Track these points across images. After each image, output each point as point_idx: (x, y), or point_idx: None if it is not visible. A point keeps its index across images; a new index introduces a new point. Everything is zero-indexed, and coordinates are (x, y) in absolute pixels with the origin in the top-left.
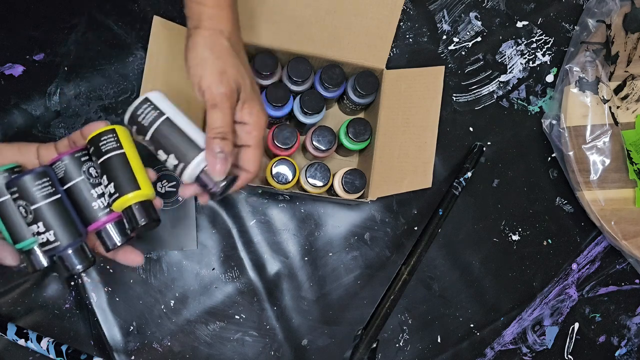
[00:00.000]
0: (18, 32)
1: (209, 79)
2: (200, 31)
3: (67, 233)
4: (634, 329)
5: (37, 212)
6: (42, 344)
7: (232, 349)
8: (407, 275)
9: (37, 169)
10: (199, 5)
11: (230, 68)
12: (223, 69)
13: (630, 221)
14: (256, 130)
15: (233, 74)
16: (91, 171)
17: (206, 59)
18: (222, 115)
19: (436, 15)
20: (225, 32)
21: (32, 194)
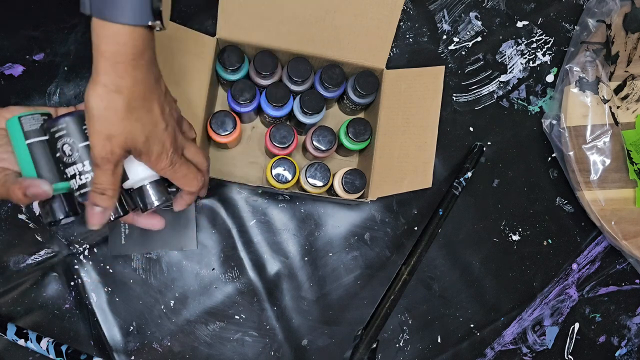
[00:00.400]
0: (18, 32)
1: (94, 141)
2: (96, 87)
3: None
4: (634, 329)
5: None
6: (41, 344)
7: (232, 349)
8: (407, 275)
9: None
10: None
11: (117, 133)
12: (108, 134)
13: (631, 221)
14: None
15: (119, 140)
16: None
17: (95, 119)
18: (102, 173)
19: (436, 15)
20: (122, 90)
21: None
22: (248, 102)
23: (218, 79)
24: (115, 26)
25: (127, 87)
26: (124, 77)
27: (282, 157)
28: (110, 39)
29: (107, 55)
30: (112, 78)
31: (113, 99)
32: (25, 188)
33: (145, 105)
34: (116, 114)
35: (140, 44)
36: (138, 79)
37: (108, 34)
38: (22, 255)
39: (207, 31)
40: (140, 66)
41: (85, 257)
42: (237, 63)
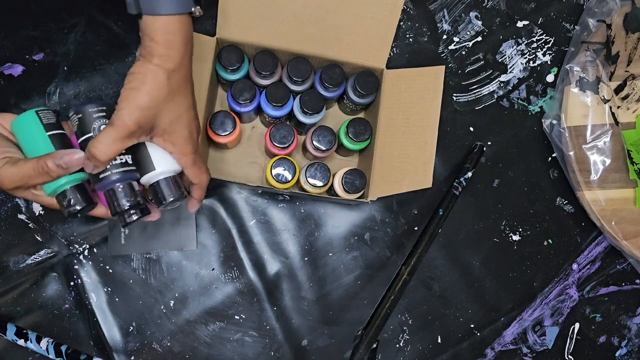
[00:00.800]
0: (18, 32)
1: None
2: (147, 64)
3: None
4: (634, 329)
5: None
6: (41, 344)
7: (232, 350)
8: (407, 276)
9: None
10: (151, 41)
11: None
12: (142, 106)
13: (631, 221)
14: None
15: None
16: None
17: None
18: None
19: (436, 15)
20: (168, 71)
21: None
22: (248, 102)
23: (218, 79)
24: (164, 18)
25: (174, 69)
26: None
27: (282, 157)
28: (164, 30)
29: (162, 43)
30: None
31: (159, 76)
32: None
33: (183, 90)
34: (156, 89)
35: (187, 29)
36: (184, 63)
37: (160, 25)
38: (22, 255)
39: (207, 31)
40: (187, 52)
41: (85, 257)
42: (237, 63)
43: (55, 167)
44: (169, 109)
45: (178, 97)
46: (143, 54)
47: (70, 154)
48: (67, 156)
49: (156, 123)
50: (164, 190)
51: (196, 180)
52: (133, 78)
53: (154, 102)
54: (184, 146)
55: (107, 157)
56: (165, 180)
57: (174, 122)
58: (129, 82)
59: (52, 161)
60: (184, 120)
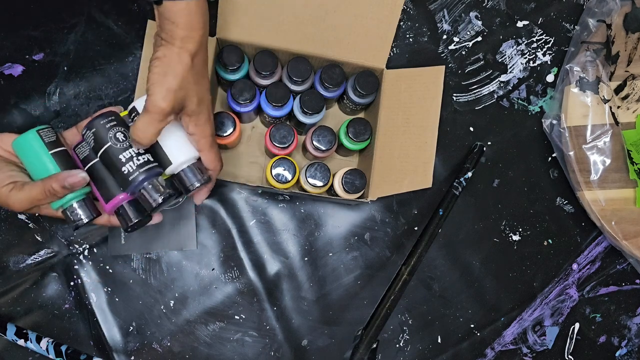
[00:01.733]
0: (18, 32)
1: (157, 90)
2: (170, 47)
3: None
4: (634, 329)
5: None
6: (41, 344)
7: (232, 350)
8: (407, 276)
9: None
10: (172, 24)
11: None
12: (173, 88)
13: (631, 221)
14: (203, 138)
15: (180, 94)
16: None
17: (166, 73)
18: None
19: (436, 14)
20: (191, 53)
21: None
22: (248, 102)
23: (218, 79)
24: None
25: (196, 51)
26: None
27: (282, 157)
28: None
29: (183, 25)
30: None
31: (185, 59)
32: (64, 179)
33: (203, 72)
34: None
35: (205, 12)
36: (203, 45)
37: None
38: (22, 255)
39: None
40: (205, 35)
41: (85, 257)
42: (237, 63)
43: (61, 188)
44: (195, 91)
45: (201, 79)
46: (165, 38)
47: (73, 175)
48: (70, 178)
49: (185, 104)
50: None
51: (211, 166)
52: (159, 62)
53: (183, 83)
54: (205, 128)
55: (149, 140)
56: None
57: (199, 103)
58: (155, 66)
59: (57, 184)
60: (206, 102)
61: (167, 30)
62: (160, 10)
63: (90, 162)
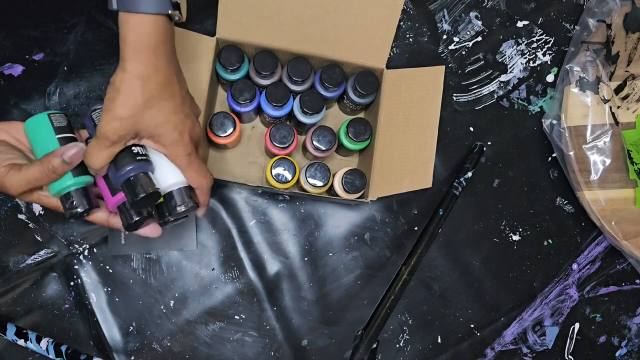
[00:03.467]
0: (18, 32)
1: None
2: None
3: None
4: (634, 329)
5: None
6: (41, 344)
7: (232, 350)
8: (407, 276)
9: None
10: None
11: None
12: (118, 116)
13: (631, 221)
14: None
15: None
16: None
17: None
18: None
19: (436, 14)
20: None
21: None
22: (248, 102)
23: (218, 79)
24: (139, 16)
25: (148, 74)
26: (147, 65)
27: (282, 157)
28: (136, 29)
29: (133, 44)
30: (135, 65)
31: (133, 85)
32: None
33: (164, 94)
34: (132, 98)
35: (162, 32)
36: (159, 67)
37: (134, 24)
38: (22, 255)
39: (207, 31)
40: (162, 55)
41: (85, 257)
42: (237, 63)
43: (60, 163)
44: (150, 115)
45: (160, 103)
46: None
47: (70, 148)
48: (68, 151)
49: (139, 129)
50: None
51: (195, 184)
52: (111, 88)
53: (130, 111)
54: (174, 148)
55: (99, 166)
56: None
57: (160, 126)
58: (108, 92)
59: (56, 158)
60: (170, 124)
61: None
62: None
63: None
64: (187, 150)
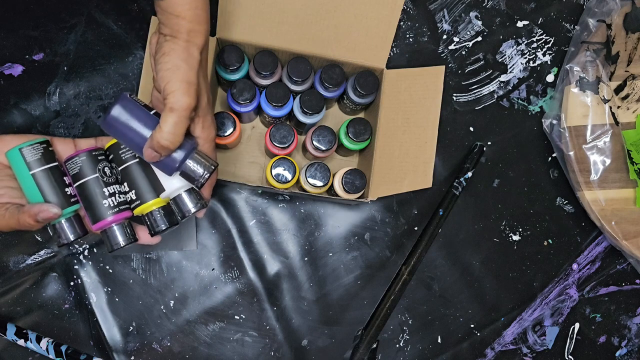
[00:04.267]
0: (17, 32)
1: (177, 85)
2: (177, 41)
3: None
4: (634, 329)
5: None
6: (41, 344)
7: (232, 350)
8: (407, 276)
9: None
10: (177, 18)
11: (196, 82)
12: (191, 80)
13: (631, 221)
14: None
15: (197, 88)
16: (106, 170)
17: (179, 67)
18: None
19: (436, 14)
20: (199, 46)
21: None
22: (248, 102)
23: (218, 79)
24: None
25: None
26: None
27: (282, 157)
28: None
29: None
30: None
31: (193, 51)
32: (35, 214)
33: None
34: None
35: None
36: (207, 41)
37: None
38: (22, 255)
39: None
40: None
41: (85, 257)
42: (237, 63)
43: (35, 222)
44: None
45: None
46: (170, 33)
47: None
48: (42, 213)
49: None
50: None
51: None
52: (169, 58)
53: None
54: (211, 130)
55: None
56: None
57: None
58: (165, 62)
59: (30, 219)
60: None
61: (172, 25)
62: (164, 5)
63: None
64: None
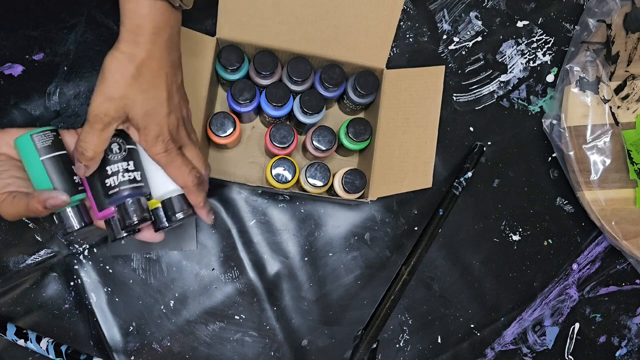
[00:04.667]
0: (17, 32)
1: (95, 97)
2: (115, 53)
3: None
4: (634, 329)
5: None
6: (41, 344)
7: (232, 350)
8: (407, 276)
9: None
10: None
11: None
12: (110, 96)
13: (631, 221)
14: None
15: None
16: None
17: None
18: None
19: (436, 14)
20: (136, 60)
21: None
22: (248, 102)
23: (218, 79)
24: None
25: (141, 57)
26: (141, 49)
27: (282, 157)
28: (133, 13)
29: (130, 27)
30: (130, 47)
31: (124, 64)
32: (44, 200)
33: (154, 82)
34: (123, 78)
35: (160, 19)
36: (154, 54)
37: (131, 7)
38: (22, 255)
39: (207, 31)
40: (159, 43)
41: (85, 257)
42: (237, 63)
43: (43, 209)
44: (141, 101)
45: (151, 90)
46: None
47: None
48: (51, 200)
49: (130, 114)
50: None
51: (179, 183)
52: (102, 68)
53: (122, 91)
54: (153, 144)
55: (93, 152)
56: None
57: (147, 115)
58: (100, 73)
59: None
60: (155, 116)
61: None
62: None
63: None
64: (165, 147)
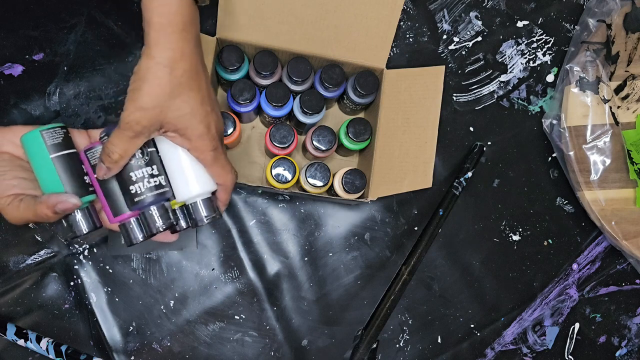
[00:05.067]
0: (17, 32)
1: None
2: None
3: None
4: (634, 329)
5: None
6: (41, 344)
7: (231, 350)
8: (407, 276)
9: None
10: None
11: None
12: (143, 106)
13: (631, 221)
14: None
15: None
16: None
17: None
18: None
19: (436, 14)
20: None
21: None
22: (248, 102)
23: (218, 79)
24: None
25: (175, 61)
26: (174, 49)
27: (282, 157)
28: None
29: (158, 26)
30: (162, 50)
31: (159, 72)
32: (54, 205)
33: (191, 83)
34: (159, 87)
35: (188, 15)
36: (186, 53)
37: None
38: (22, 255)
39: (207, 31)
40: (188, 40)
41: (85, 257)
42: (237, 63)
43: (53, 214)
44: (176, 106)
45: (187, 92)
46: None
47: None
48: (61, 204)
49: (164, 121)
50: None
51: (220, 180)
52: (136, 77)
53: (155, 101)
54: (200, 142)
55: (118, 157)
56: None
57: (186, 117)
58: (132, 81)
59: (48, 210)
60: (197, 116)
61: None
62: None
63: None
64: (213, 145)
